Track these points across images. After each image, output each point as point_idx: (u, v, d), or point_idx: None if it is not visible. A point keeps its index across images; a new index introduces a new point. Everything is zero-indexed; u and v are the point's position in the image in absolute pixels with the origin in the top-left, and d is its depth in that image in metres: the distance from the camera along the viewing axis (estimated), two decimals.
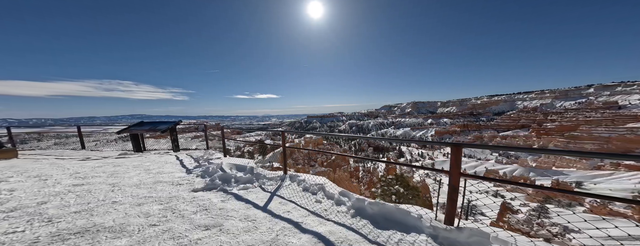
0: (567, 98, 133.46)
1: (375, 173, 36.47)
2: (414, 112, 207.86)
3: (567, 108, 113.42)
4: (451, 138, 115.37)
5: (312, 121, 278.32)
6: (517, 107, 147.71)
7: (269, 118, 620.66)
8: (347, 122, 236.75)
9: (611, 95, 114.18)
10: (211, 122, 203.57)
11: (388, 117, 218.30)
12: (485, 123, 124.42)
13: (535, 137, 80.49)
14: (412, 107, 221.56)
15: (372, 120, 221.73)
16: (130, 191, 2.52)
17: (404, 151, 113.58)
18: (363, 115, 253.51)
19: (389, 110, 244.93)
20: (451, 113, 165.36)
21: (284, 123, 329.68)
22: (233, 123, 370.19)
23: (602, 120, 77.75)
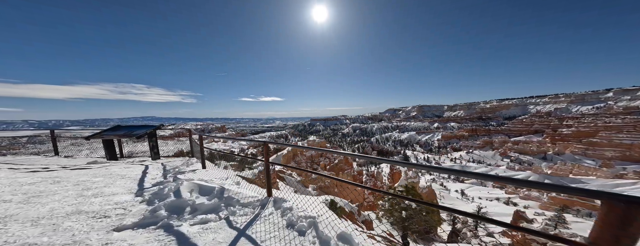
0: (583, 103, 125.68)
1: (379, 178, 35.49)
2: (419, 116, 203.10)
3: (584, 113, 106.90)
4: (459, 143, 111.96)
5: (316, 124, 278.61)
6: (529, 111, 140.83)
7: (273, 121, 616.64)
8: (350, 125, 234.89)
9: (632, 99, 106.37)
10: (216, 124, 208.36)
11: (392, 121, 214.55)
12: (495, 128, 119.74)
13: (549, 142, 76.55)
14: (417, 110, 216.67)
15: (376, 123, 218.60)
16: (15, 232, 1.57)
17: (409, 155, 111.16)
18: (367, 119, 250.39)
19: (393, 114, 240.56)
20: (459, 118, 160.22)
21: (288, 125, 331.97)
22: (238, 125, 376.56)
23: (623, 126, 72.77)
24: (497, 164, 69.14)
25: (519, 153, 75.14)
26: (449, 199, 45.04)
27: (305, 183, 18.18)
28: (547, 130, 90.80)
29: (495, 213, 32.89)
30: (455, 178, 66.06)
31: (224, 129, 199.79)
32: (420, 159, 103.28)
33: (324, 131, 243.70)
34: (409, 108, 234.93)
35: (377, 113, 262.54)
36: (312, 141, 46.40)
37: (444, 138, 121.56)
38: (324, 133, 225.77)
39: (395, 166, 36.14)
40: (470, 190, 51.11)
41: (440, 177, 69.00)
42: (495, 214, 31.89)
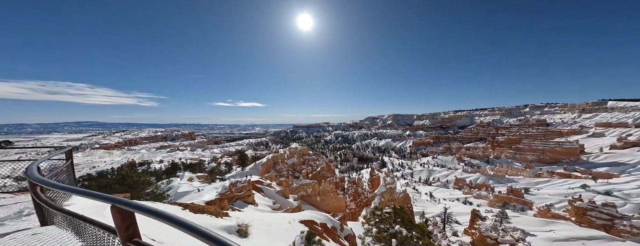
0: (510, 116, 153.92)
1: (360, 184, 34.00)
2: (394, 124, 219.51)
3: (512, 124, 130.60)
4: (426, 149, 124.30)
5: (298, 131, 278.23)
6: (476, 121, 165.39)
7: (252, 127, 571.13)
8: (333, 132, 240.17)
9: (541, 114, 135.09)
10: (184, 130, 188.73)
11: (371, 128, 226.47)
12: (453, 136, 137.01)
13: (490, 148, 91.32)
14: (392, 119, 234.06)
15: (357, 130, 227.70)
16: None
17: (386, 161, 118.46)
18: (348, 126, 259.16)
19: (372, 122, 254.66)
20: (425, 126, 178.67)
21: (269, 132, 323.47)
22: (211, 132, 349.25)
23: (537, 134, 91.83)
24: (454, 168, 79.31)
25: (470, 157, 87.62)
26: (420, 201, 49.69)
27: (286, 193, 16.46)
28: (488, 137, 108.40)
29: (458, 212, 38.17)
30: (424, 181, 73.32)
31: (193, 136, 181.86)
32: (395, 164, 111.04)
33: (306, 138, 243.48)
34: (385, 116, 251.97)
35: (357, 120, 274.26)
36: (295, 148, 43.31)
37: (414, 145, 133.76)
38: (307, 140, 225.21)
39: (374, 172, 37.35)
40: (436, 192, 57.40)
41: (413, 180, 75.68)
42: (458, 213, 37.02)
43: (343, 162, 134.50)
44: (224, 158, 68.02)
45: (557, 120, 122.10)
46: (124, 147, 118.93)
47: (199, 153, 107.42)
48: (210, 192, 10.27)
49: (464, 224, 28.86)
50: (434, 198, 53.27)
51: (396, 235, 6.25)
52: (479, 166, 74.49)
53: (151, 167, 48.61)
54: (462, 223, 30.80)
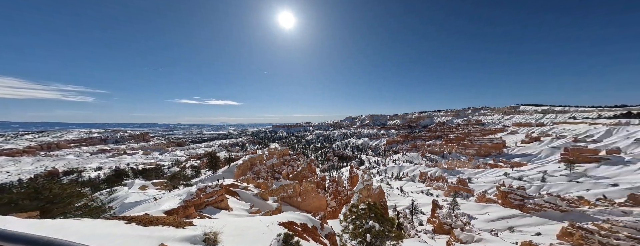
0: (458, 117, 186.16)
1: (340, 182, 34.18)
2: (371, 124, 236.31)
3: (459, 124, 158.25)
4: (397, 146, 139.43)
5: (278, 131, 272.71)
6: (435, 121, 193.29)
7: (226, 127, 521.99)
8: (314, 132, 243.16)
9: (479, 115, 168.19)
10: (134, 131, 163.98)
11: (351, 128, 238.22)
12: (418, 134, 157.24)
13: (445, 144, 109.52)
14: (369, 119, 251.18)
15: (337, 130, 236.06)
16: None
17: (364, 159, 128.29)
18: (329, 126, 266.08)
19: (351, 121, 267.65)
20: (397, 126, 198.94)
21: (246, 132, 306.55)
22: (172, 132, 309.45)
23: (476, 133, 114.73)
24: (419, 163, 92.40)
25: (430, 153, 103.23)
26: (392, 196, 56.57)
27: (264, 196, 15.66)
28: (444, 135, 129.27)
29: (423, 203, 45.75)
30: (396, 176, 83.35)
31: (147, 137, 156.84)
32: (372, 162, 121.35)
33: (287, 138, 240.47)
34: (363, 116, 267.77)
35: (338, 120, 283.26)
36: (274, 149, 40.71)
37: (387, 143, 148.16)
38: (287, 140, 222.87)
39: (353, 170, 38.07)
40: (406, 186, 66.33)
41: (386, 176, 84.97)
42: (423, 204, 44.38)
43: (324, 161, 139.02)
44: (189, 162, 61.12)
45: (488, 120, 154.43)
46: (40, 153, 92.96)
47: (155, 157, 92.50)
48: (171, 200, 9.01)
49: (427, 213, 35.02)
50: (404, 191, 61.38)
51: (370, 230, 6.33)
52: (437, 160, 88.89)
53: (83, 175, 39.46)
54: (426, 212, 37.19)
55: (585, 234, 15.51)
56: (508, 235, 20.75)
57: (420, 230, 27.79)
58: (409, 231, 26.97)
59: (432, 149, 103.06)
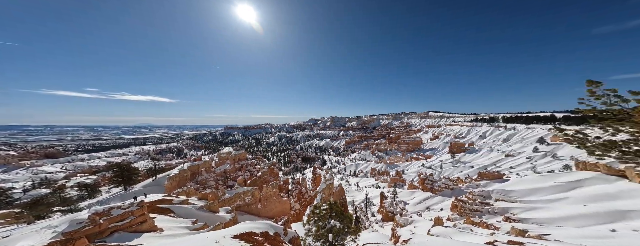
0: (396, 119, 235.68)
1: (304, 184, 34.28)
2: (332, 125, 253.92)
3: (396, 126, 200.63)
4: (354, 146, 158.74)
5: (232, 133, 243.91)
6: (381, 123, 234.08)
7: (150, 130, 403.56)
8: (276, 133, 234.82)
9: (407, 119, 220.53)
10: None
11: (314, 129, 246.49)
12: (369, 134, 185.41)
13: (387, 143, 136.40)
14: (331, 120, 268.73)
15: (301, 132, 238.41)
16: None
17: (326, 159, 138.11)
18: (292, 127, 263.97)
19: (314, 123, 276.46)
20: (353, 127, 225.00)
21: (183, 136, 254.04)
22: (39, 137, 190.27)
23: (406, 132, 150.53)
24: (370, 160, 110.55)
25: (378, 151, 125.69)
26: (351, 192, 65.52)
27: (213, 208, 13.09)
28: (387, 135, 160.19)
29: (374, 196, 56.11)
30: (353, 173, 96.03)
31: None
32: (333, 161, 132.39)
33: (244, 141, 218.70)
34: (325, 118, 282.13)
35: (301, 122, 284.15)
36: (227, 153, 35.78)
37: (346, 143, 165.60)
38: (245, 143, 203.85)
39: (316, 171, 40.01)
40: (361, 181, 78.22)
41: (345, 174, 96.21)
42: (374, 196, 54.48)
43: (287, 164, 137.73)
44: (75, 179, 41.93)
45: (413, 122, 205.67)
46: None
47: (19, 174, 58.39)
48: (32, 237, 6.73)
49: (377, 205, 43.83)
50: (360, 187, 72.05)
51: (332, 229, 6.37)
52: (383, 157, 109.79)
53: None
54: (376, 204, 46.29)
55: (462, 204, 26.05)
56: (427, 213, 30.48)
57: (372, 221, 34.20)
58: (364, 223, 32.73)
59: (379, 147, 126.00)
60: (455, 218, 21.84)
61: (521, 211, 21.08)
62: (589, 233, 12.54)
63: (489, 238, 7.35)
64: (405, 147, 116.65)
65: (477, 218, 20.04)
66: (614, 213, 15.79)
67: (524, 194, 26.40)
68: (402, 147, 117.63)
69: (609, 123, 2.77)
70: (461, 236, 9.18)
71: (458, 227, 11.88)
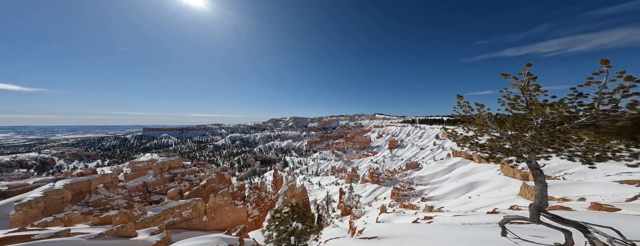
0: (352, 120, 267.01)
1: (263, 188, 31.19)
2: (294, 126, 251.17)
3: (352, 126, 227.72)
4: (316, 146, 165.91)
5: (158, 135, 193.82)
6: (340, 124, 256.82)
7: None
8: (227, 135, 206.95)
9: (360, 120, 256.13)
10: None
11: (275, 130, 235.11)
12: (330, 134, 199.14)
13: (345, 142, 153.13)
14: (293, 121, 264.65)
15: (260, 132, 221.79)
16: None
17: (288, 160, 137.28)
18: (249, 128, 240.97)
19: (275, 123, 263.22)
20: (315, 127, 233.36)
21: (55, 140, 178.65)
22: None
23: (359, 132, 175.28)
24: (331, 159, 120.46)
25: (337, 150, 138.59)
26: (313, 191, 69.90)
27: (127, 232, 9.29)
28: (344, 135, 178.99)
29: (334, 192, 62.95)
30: (315, 173, 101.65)
31: None
32: (295, 162, 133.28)
33: (179, 144, 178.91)
34: (287, 118, 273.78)
35: (260, 122, 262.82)
36: (148, 162, 27.31)
37: (308, 143, 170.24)
38: (181, 148, 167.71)
39: (277, 173, 38.43)
40: (322, 180, 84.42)
41: (308, 174, 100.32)
42: (334, 193, 61.17)
43: (243, 168, 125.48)
44: None
45: (365, 123, 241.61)
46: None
47: None
48: None
49: (337, 201, 49.83)
50: (321, 185, 77.69)
51: (294, 232, 6.29)
52: (341, 155, 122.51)
53: None
54: (336, 200, 52.34)
55: (397, 192, 35.11)
56: (375, 203, 38.33)
57: (333, 217, 38.66)
58: (326, 220, 36.56)
59: (338, 146, 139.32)
60: (394, 204, 29.33)
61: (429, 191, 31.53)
62: (459, 201, 21.39)
63: (414, 217, 11.33)
64: (358, 145, 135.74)
65: (407, 202, 28.08)
66: (469, 185, 27.35)
67: (430, 178, 39.14)
68: (356, 146, 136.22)
69: (465, 124, 3.73)
70: (398, 219, 13.02)
71: (396, 212, 16.73)
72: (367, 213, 30.21)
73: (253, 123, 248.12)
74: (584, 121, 2.35)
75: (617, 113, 2.15)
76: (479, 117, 3.38)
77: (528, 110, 2.74)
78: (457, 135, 3.66)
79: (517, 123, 2.87)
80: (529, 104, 2.73)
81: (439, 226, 5.18)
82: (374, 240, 4.03)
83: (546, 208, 2.96)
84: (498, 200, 16.48)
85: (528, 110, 2.74)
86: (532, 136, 2.79)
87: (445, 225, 5.41)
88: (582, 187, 13.28)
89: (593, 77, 2.17)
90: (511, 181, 22.45)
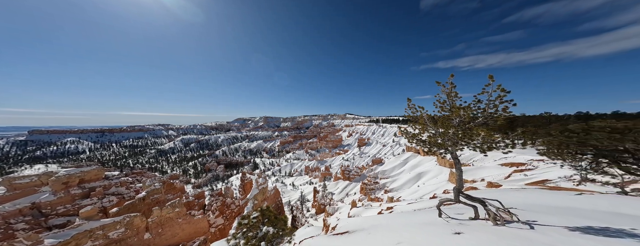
0: (325, 120, 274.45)
1: (229, 194, 28.74)
2: (265, 126, 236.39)
3: (325, 125, 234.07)
4: (289, 146, 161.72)
5: (57, 140, 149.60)
6: (313, 123, 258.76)
7: None
8: (178, 137, 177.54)
9: (333, 119, 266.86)
10: None
11: (242, 130, 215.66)
12: (303, 134, 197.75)
13: (318, 141, 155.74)
14: (264, 121, 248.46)
15: (223, 133, 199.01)
16: None
17: (258, 162, 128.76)
18: (209, 128, 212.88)
19: (243, 123, 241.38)
20: (288, 127, 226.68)
21: None
22: None
23: (332, 131, 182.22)
24: (304, 158, 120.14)
25: (311, 149, 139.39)
26: (287, 192, 68.41)
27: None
28: (318, 134, 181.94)
29: (308, 192, 63.38)
30: (289, 173, 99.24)
31: None
32: (266, 164, 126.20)
33: (98, 151, 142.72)
34: (257, 118, 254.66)
35: (224, 122, 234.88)
36: (41, 175, 20.97)
37: (281, 144, 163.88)
38: (101, 154, 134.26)
39: (245, 176, 35.61)
40: (296, 180, 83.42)
41: (281, 175, 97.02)
42: (308, 193, 61.62)
43: (201, 174, 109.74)
44: None
45: (337, 122, 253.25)
46: None
47: None
48: None
49: (312, 200, 50.34)
50: (295, 186, 76.77)
51: (265, 237, 6.08)
52: (315, 155, 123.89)
53: None
54: (311, 199, 52.80)
55: (365, 186, 38.38)
56: (347, 198, 40.61)
57: (308, 216, 38.87)
58: (301, 220, 36.40)
59: (312, 146, 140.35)
60: (363, 198, 31.90)
61: (390, 183, 35.92)
62: (411, 190, 25.25)
63: (379, 209, 12.73)
64: (331, 144, 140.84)
65: (374, 195, 31.03)
66: (417, 175, 32.77)
67: (390, 171, 44.74)
68: (329, 145, 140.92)
69: (413, 123, 4.33)
70: (367, 212, 14.36)
71: (364, 205, 18.34)
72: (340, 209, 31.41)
73: (215, 123, 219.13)
74: (480, 121, 3.16)
75: (497, 115, 3.01)
76: (421, 118, 4.02)
77: (450, 112, 3.42)
78: (407, 133, 4.21)
79: (444, 122, 3.54)
80: (451, 107, 3.41)
81: (398, 215, 5.81)
82: (345, 235, 4.18)
83: (463, 189, 3.76)
84: (436, 187, 20.39)
85: (450, 112, 3.42)
86: (453, 132, 3.49)
87: (402, 213, 6.15)
88: (482, 171, 18.11)
89: (485, 88, 2.95)
90: (444, 170, 28.26)
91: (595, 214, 3.36)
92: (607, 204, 4.01)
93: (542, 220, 3.04)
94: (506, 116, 2.93)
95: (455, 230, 2.82)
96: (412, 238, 2.84)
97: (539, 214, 3.39)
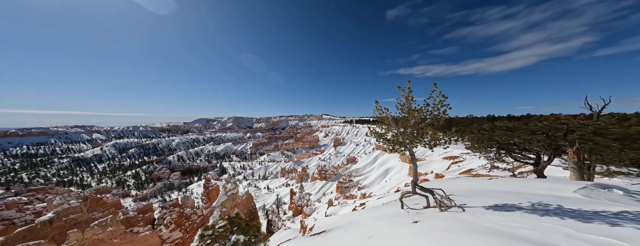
0: (302, 120, 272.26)
1: (188, 203, 26.31)
2: (235, 127, 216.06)
3: (302, 126, 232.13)
4: (263, 148, 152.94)
5: None
6: (289, 124, 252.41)
7: None
8: (109, 142, 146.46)
9: (309, 120, 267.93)
10: None
11: (205, 132, 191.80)
12: (279, 135, 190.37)
13: (295, 142, 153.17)
14: (233, 121, 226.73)
15: (179, 136, 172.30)
16: None
17: (227, 167, 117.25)
18: (158, 130, 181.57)
19: (206, 124, 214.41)
20: (262, 128, 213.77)
21: None
22: None
23: (309, 132, 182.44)
24: (280, 160, 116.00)
25: (287, 150, 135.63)
26: (261, 196, 64.56)
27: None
28: (294, 135, 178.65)
29: (285, 194, 61.42)
30: (263, 176, 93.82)
31: None
32: (237, 168, 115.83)
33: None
34: (224, 118, 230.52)
35: (180, 123, 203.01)
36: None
37: (254, 146, 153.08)
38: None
39: (209, 183, 31.93)
40: (271, 183, 79.57)
41: (254, 179, 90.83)
42: (285, 195, 59.72)
43: (147, 184, 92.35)
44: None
45: (313, 123, 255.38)
46: None
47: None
48: None
49: (288, 203, 49.03)
50: (270, 189, 73.01)
51: (235, 245, 5.93)
52: (291, 156, 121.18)
53: None
54: (287, 202, 51.36)
55: (340, 185, 39.88)
56: (324, 198, 41.28)
57: (285, 219, 37.80)
58: (277, 224, 35.17)
59: (288, 147, 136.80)
60: (339, 196, 33.04)
61: (363, 180, 38.54)
62: (380, 186, 27.76)
63: (353, 206, 13.44)
64: (308, 144, 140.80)
65: (348, 193, 32.56)
66: (385, 172, 36.38)
67: (363, 169, 48.13)
68: (306, 145, 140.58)
69: (379, 124, 4.65)
70: (342, 209, 14.96)
71: (340, 204, 19.09)
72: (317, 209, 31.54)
73: (167, 124, 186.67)
74: (429, 121, 3.72)
75: (440, 116, 3.62)
76: (386, 118, 4.46)
77: (408, 113, 3.87)
78: (376, 132, 4.59)
79: (403, 122, 3.99)
80: (408, 109, 3.86)
81: (369, 210, 6.22)
82: (322, 234, 4.22)
83: (418, 182, 4.31)
84: (399, 181, 23.17)
85: (408, 113, 3.87)
86: (410, 132, 3.96)
87: (373, 208, 6.63)
88: (431, 164, 21.77)
89: (431, 94, 3.50)
90: (405, 165, 32.38)
91: (498, 194, 4.45)
92: (505, 184, 5.39)
93: (469, 202, 3.80)
94: (445, 117, 3.57)
95: (414, 219, 3.21)
96: (382, 229, 3.08)
97: (468, 198, 4.23)
